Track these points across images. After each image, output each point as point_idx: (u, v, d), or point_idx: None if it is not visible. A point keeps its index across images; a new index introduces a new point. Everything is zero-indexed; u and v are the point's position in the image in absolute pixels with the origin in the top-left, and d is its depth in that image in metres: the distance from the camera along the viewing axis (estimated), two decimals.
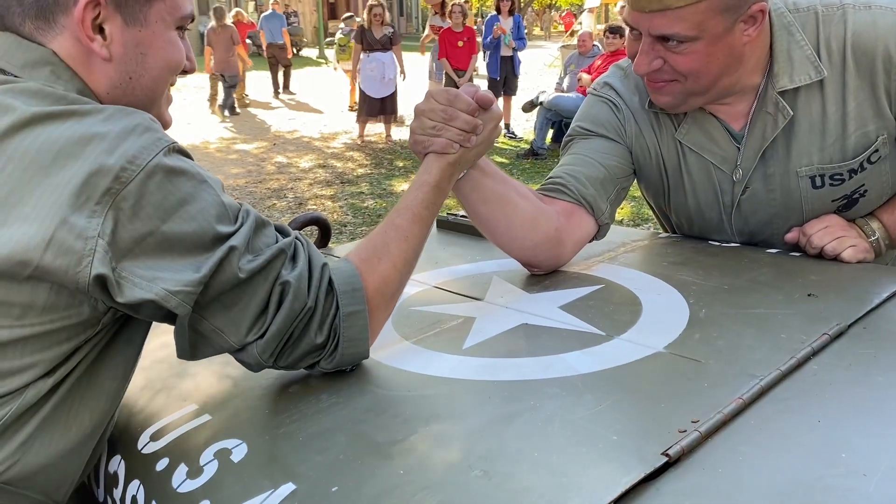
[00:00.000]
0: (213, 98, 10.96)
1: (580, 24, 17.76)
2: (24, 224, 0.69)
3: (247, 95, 12.07)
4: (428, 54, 9.20)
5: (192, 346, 0.83)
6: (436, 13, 8.44)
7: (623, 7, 1.21)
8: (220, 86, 10.64)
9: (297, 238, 0.88)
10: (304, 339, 0.85)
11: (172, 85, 0.92)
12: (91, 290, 0.72)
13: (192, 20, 0.90)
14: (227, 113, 10.68)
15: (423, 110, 1.06)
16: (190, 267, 0.75)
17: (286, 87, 13.19)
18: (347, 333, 0.88)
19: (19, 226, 0.70)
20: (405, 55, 8.72)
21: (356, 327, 0.88)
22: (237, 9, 13.40)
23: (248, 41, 12.72)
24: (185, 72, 0.91)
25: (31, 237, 0.69)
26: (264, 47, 12.74)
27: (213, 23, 10.35)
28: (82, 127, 0.73)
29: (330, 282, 0.87)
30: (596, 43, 8.15)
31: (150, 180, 0.73)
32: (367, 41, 8.21)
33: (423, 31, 8.62)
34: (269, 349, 0.83)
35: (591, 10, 16.96)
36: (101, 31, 0.82)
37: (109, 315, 0.78)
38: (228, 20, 10.68)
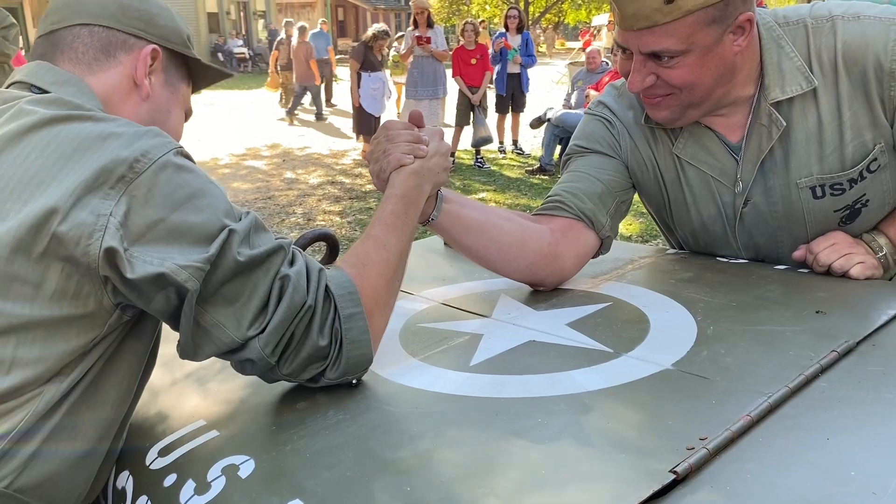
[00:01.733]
0: (287, 106, 12.74)
1: (594, 35, 17.81)
2: (41, 201, 0.76)
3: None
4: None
5: (194, 343, 0.84)
6: (415, 27, 8.20)
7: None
8: (301, 94, 12.07)
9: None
10: (308, 342, 0.87)
11: None
12: (101, 267, 0.76)
13: (189, 117, 1.09)
14: (315, 118, 12.19)
15: (371, 151, 1.13)
16: (198, 250, 0.80)
17: (328, 100, 14.08)
18: (349, 335, 0.90)
19: (41, 202, 0.76)
20: None
21: (356, 329, 0.90)
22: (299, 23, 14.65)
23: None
24: None
25: (49, 210, 0.75)
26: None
27: (296, 38, 11.48)
28: (99, 127, 0.81)
29: (327, 286, 0.90)
30: (605, 59, 8.17)
31: (161, 172, 0.80)
32: (370, 62, 8.31)
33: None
34: (272, 343, 0.85)
35: (609, 27, 17.03)
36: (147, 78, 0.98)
37: (115, 317, 0.81)
38: (308, 37, 11.76)
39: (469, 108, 8.08)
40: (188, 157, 0.85)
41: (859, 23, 1.18)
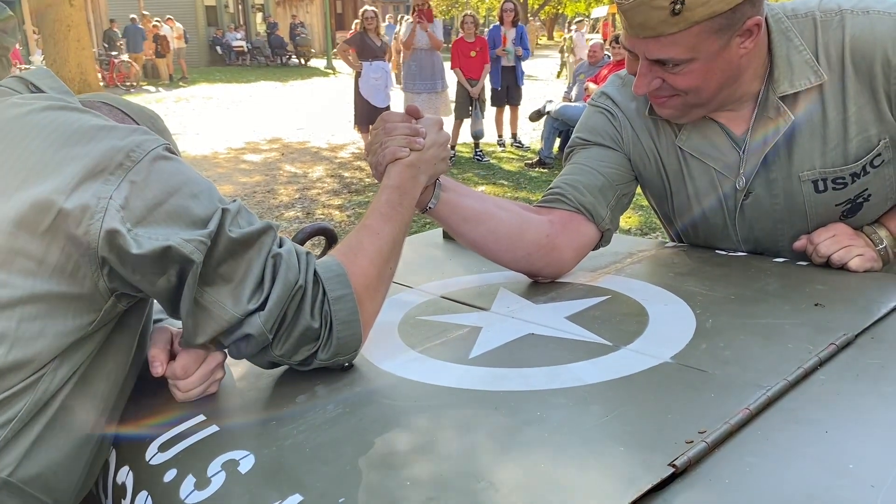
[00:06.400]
0: None
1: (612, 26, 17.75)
2: (45, 183, 0.79)
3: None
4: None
5: (194, 322, 0.86)
6: (419, 20, 7.96)
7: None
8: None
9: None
10: (300, 321, 0.89)
11: None
12: (100, 248, 0.78)
13: None
14: None
15: (370, 143, 1.14)
16: (197, 230, 0.84)
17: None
18: (339, 316, 0.92)
19: (41, 184, 0.79)
20: None
21: (346, 310, 0.92)
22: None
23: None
24: None
25: (53, 189, 0.78)
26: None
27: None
28: (95, 120, 0.85)
29: (315, 270, 0.92)
30: (607, 52, 8.14)
31: (155, 163, 0.84)
32: (370, 48, 7.89)
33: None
34: (272, 319, 0.87)
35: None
36: None
37: (110, 304, 0.83)
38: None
39: (469, 101, 8.02)
40: (176, 153, 0.90)
41: (868, 17, 1.18)
